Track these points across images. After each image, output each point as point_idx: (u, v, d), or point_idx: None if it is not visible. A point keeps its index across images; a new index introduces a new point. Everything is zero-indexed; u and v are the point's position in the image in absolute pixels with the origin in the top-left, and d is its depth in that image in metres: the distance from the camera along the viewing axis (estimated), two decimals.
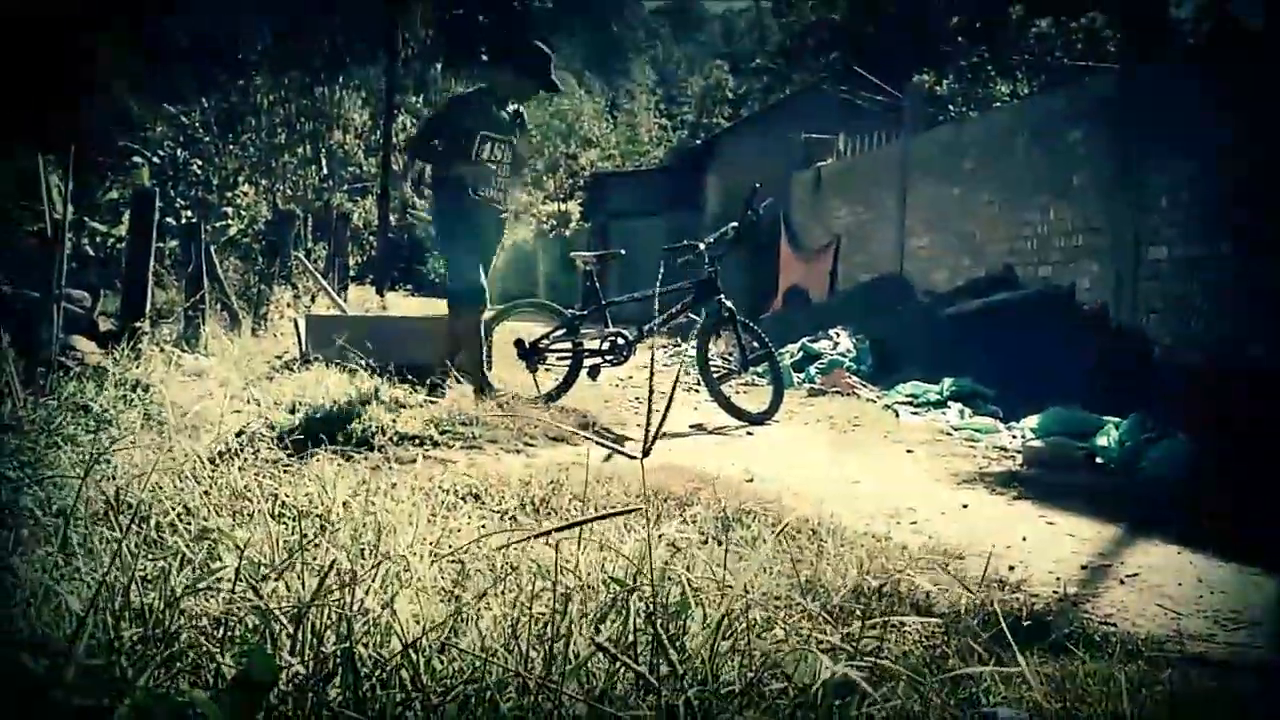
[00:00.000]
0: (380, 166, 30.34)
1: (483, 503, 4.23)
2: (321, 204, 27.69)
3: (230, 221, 19.11)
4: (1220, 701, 2.48)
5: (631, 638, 2.03)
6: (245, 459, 4.42)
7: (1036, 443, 7.29)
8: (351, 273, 28.51)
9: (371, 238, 34.45)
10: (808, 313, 15.40)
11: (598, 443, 2.70)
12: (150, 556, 2.69)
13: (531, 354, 8.58)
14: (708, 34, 75.31)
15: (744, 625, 2.15)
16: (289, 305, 14.18)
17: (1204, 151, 9.32)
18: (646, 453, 2.08)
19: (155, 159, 17.08)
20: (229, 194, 19.27)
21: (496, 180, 7.87)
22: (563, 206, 39.53)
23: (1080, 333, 10.53)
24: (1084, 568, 4.42)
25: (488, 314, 8.36)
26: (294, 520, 3.21)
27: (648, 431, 2.07)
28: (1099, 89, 11.55)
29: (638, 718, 1.80)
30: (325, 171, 28.74)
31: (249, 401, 6.73)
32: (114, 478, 3.51)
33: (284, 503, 3.50)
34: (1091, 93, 11.67)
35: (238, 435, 5.18)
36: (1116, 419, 7.54)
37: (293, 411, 6.57)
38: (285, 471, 4.07)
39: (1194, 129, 9.48)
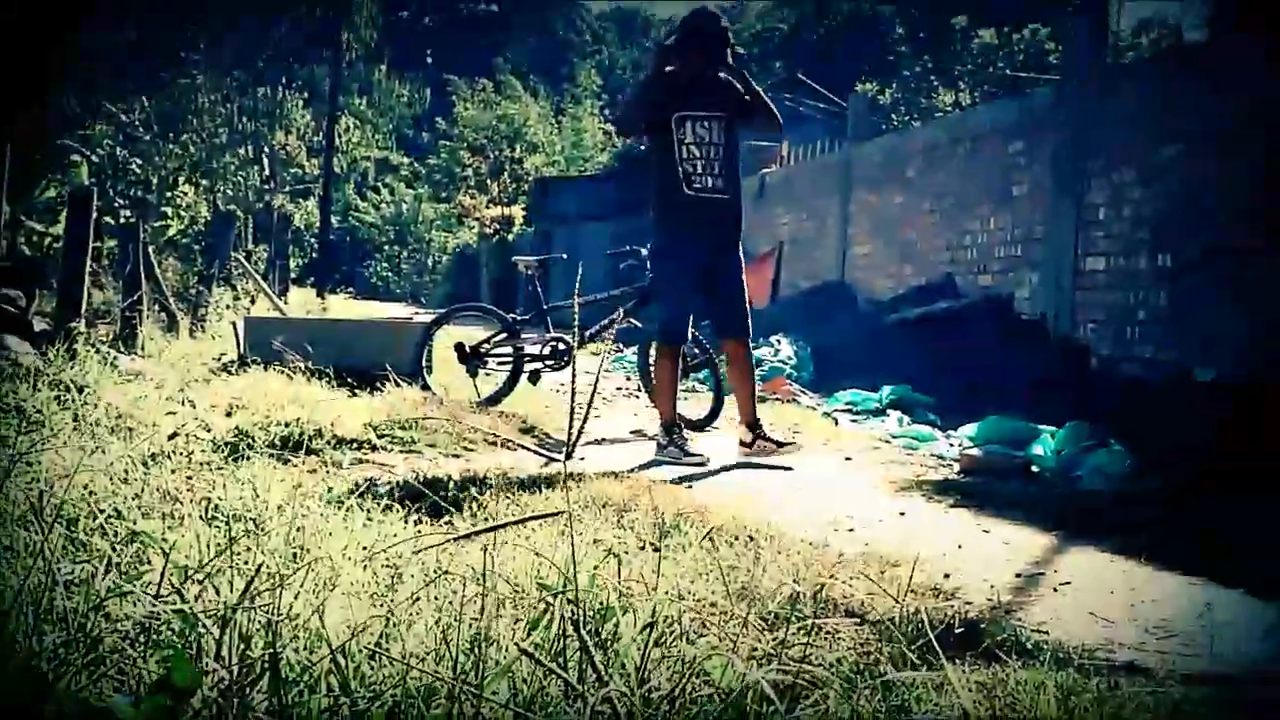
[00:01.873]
0: (322, 168, 30.17)
1: (419, 507, 4.19)
2: (263, 205, 27.50)
3: (170, 222, 18.93)
4: (1149, 708, 2.50)
5: (561, 644, 2.02)
6: (178, 462, 4.38)
7: (974, 451, 7.34)
8: (293, 275, 28.29)
9: (313, 240, 34.21)
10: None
11: (525, 448, 2.69)
12: (76, 559, 2.65)
13: (472, 358, 8.56)
14: (653, 40, 75.36)
15: (676, 632, 2.14)
16: (228, 307, 14.07)
17: (1143, 164, 9.43)
18: (569, 455, 2.07)
19: (94, 157, 16.89)
20: (169, 194, 19.05)
21: None
22: (506, 211, 39.46)
23: (1019, 342, 10.64)
24: (1018, 576, 4.45)
25: (428, 318, 8.42)
26: (225, 524, 3.17)
27: (569, 434, 2.07)
28: (1040, 100, 11.66)
29: None
30: (267, 173, 28.50)
31: (184, 403, 6.67)
32: (39, 479, 3.46)
33: (216, 506, 3.47)
34: (1033, 104, 11.79)
35: (171, 438, 5.12)
36: (1053, 428, 7.61)
37: (229, 414, 6.51)
38: (219, 474, 4.03)
39: (1133, 142, 9.60)
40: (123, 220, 15.09)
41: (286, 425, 6.08)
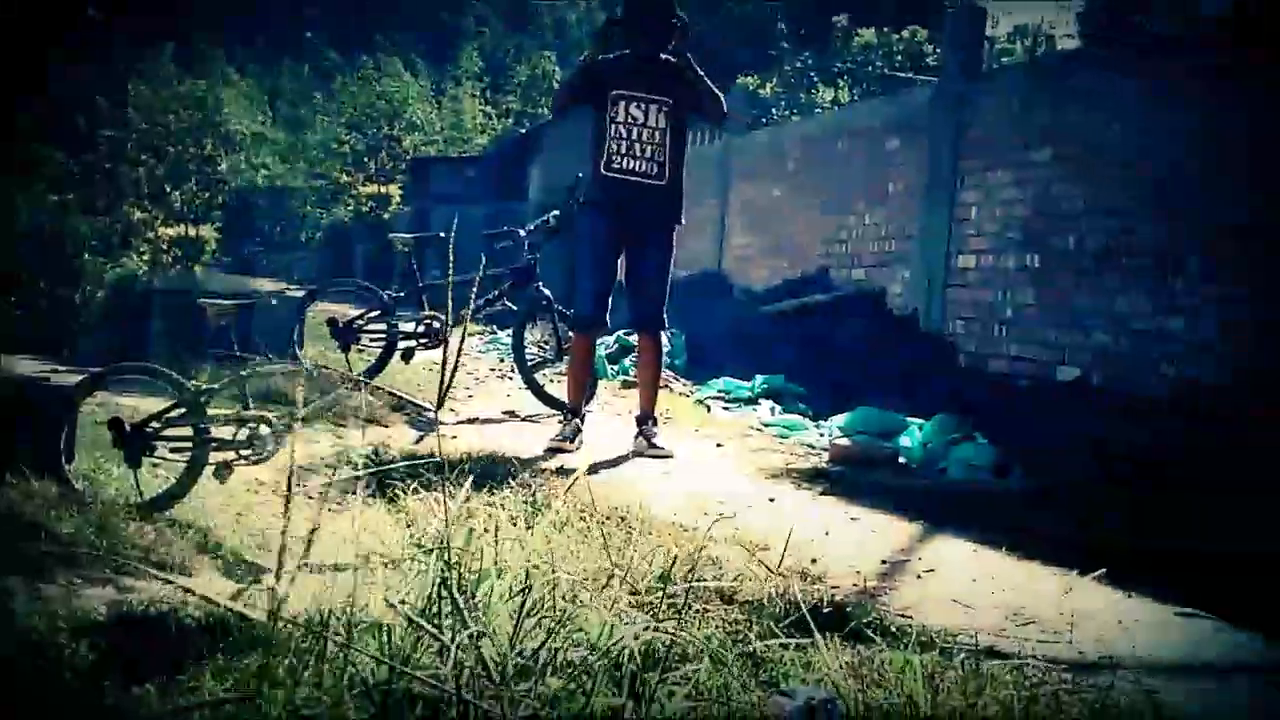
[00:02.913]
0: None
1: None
2: None
3: None
4: (1009, 685, 2.56)
5: (436, 606, 2.01)
6: None
7: (843, 440, 7.42)
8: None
9: None
10: (625, 305, 15.46)
11: (397, 394, 2.65)
12: None
13: (345, 334, 8.45)
14: (538, 25, 75.04)
15: (548, 598, 2.14)
16: None
17: (1014, 166, 9.61)
18: (440, 405, 2.06)
19: None
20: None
21: None
22: (383, 189, 38.84)
23: (890, 335, 10.79)
24: (884, 562, 4.52)
25: (300, 293, 8.18)
26: None
27: (441, 386, 2.05)
28: (918, 100, 11.82)
29: (436, 678, 1.78)
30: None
31: None
32: None
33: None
34: (910, 103, 11.95)
35: None
36: (921, 420, 7.74)
37: None
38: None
39: (1006, 144, 9.78)
40: None
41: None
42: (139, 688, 2.47)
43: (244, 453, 5.57)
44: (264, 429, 5.60)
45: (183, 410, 5.52)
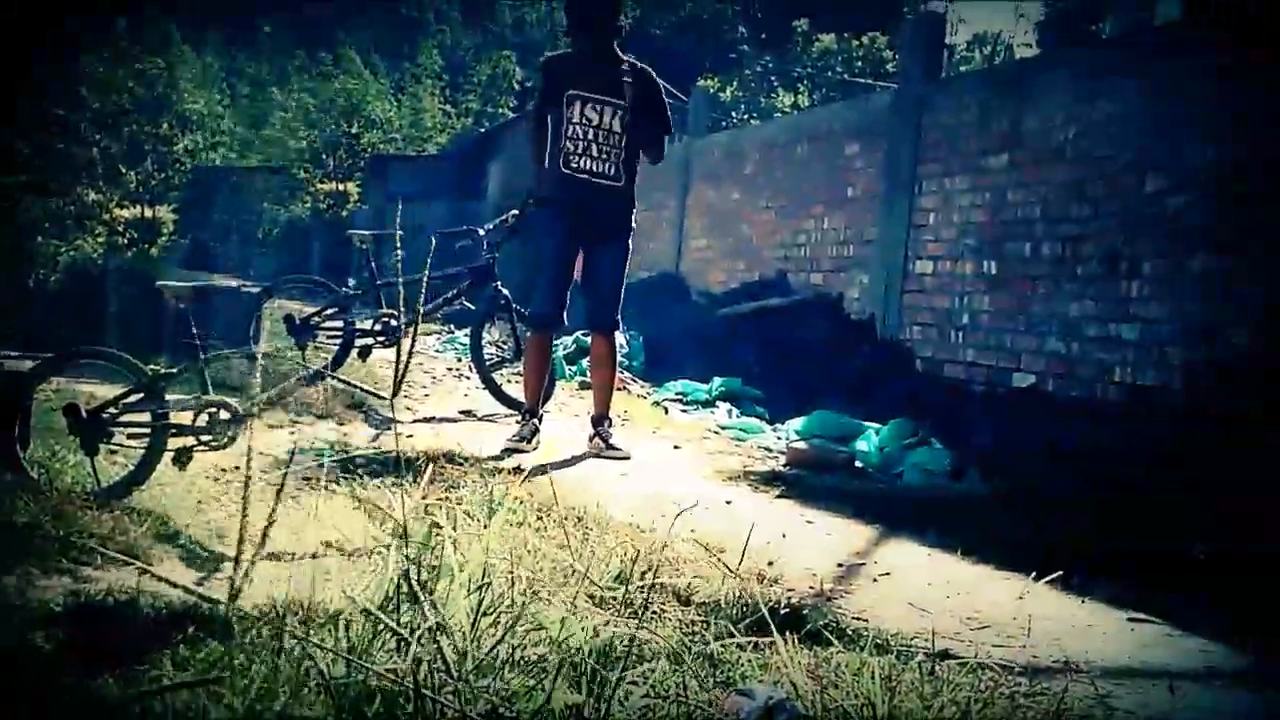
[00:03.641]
0: None
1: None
2: None
3: None
4: (964, 688, 2.57)
5: (395, 600, 2.00)
6: None
7: (800, 444, 7.45)
8: None
9: None
10: (582, 306, 15.48)
11: (352, 385, 2.64)
12: None
13: (302, 330, 8.41)
14: (498, 23, 74.94)
15: (507, 596, 2.14)
16: None
17: (972, 173, 9.67)
18: (395, 393, 2.05)
19: None
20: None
21: None
22: (341, 186, 38.61)
23: (847, 340, 10.83)
24: (840, 565, 4.54)
25: (256, 289, 8.12)
26: None
27: (396, 374, 2.05)
28: (877, 106, 11.87)
29: (394, 672, 1.77)
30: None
31: None
32: None
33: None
34: (870, 109, 12.00)
35: None
36: (877, 425, 7.78)
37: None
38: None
39: (965, 150, 9.84)
40: None
41: None
42: (98, 678, 2.45)
43: (204, 438, 5.47)
44: (224, 414, 5.49)
45: (140, 395, 5.43)
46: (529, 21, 71.74)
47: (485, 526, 3.38)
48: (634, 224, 7.02)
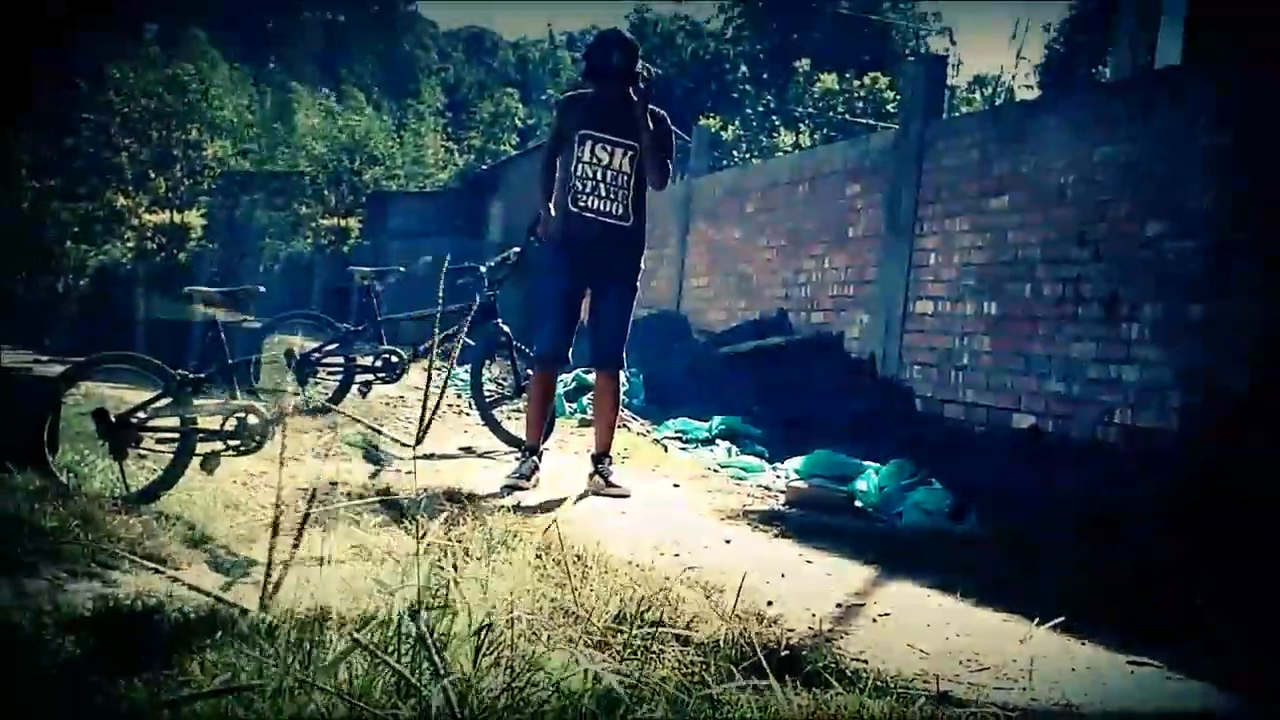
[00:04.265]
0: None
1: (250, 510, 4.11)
2: None
3: None
4: None
5: (397, 641, 2.00)
6: None
7: (799, 483, 7.45)
8: None
9: None
10: (583, 344, 15.51)
11: (373, 428, 2.65)
12: None
13: (303, 366, 8.41)
14: (500, 61, 75.16)
15: (508, 638, 2.13)
16: None
17: (973, 213, 9.70)
18: (419, 440, 2.05)
19: None
20: None
21: None
22: (343, 222, 38.58)
23: (847, 379, 10.84)
24: (839, 606, 4.53)
25: (257, 324, 8.12)
26: None
27: (421, 423, 2.05)
28: (879, 146, 11.91)
29: (397, 718, 1.77)
30: None
31: None
32: None
33: None
34: (871, 149, 12.04)
35: None
36: (877, 465, 7.77)
37: None
38: None
39: (967, 190, 9.87)
40: None
41: None
42: (126, 683, 2.46)
43: (232, 443, 5.65)
44: (252, 419, 5.67)
45: (169, 400, 5.59)
46: (532, 59, 72.00)
47: (486, 565, 3.38)
48: (643, 265, 7.02)
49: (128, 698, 2.38)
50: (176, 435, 5.57)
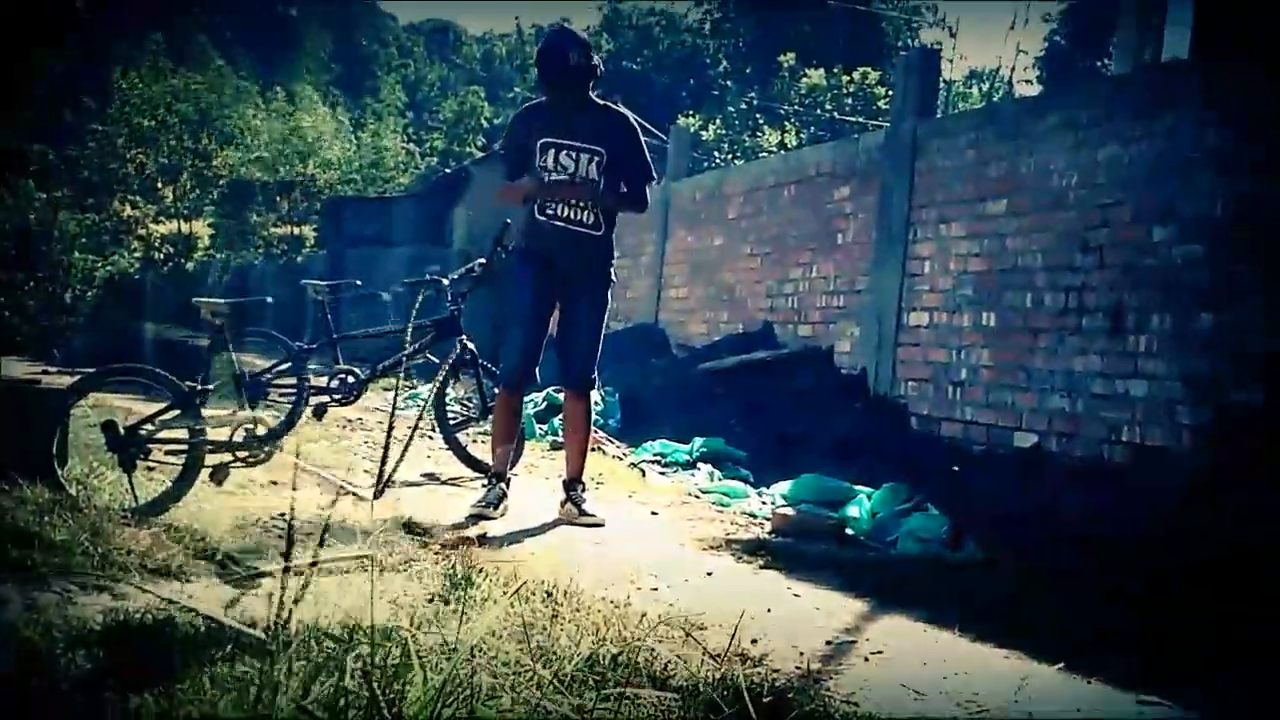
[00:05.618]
0: None
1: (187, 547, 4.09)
2: None
3: None
4: None
5: (343, 701, 1.98)
6: None
7: (787, 510, 7.43)
8: None
9: None
10: (556, 361, 15.46)
11: (331, 481, 2.64)
12: None
13: (253, 388, 8.35)
14: (465, 57, 75.20)
15: (468, 692, 2.12)
16: None
17: (972, 217, 9.71)
18: (378, 494, 2.04)
19: None
20: None
21: None
22: (296, 230, 38.39)
23: (837, 397, 10.83)
24: (829, 643, 4.52)
25: (203, 342, 8.07)
26: None
27: (381, 473, 2.03)
28: (869, 145, 11.90)
29: None
30: None
31: None
32: None
33: None
34: (860, 149, 12.03)
35: None
36: (869, 489, 7.76)
37: None
38: None
39: (962, 193, 9.88)
40: None
41: None
42: (137, 697, 2.49)
43: (241, 454, 6.08)
44: (260, 430, 6.14)
45: (177, 412, 5.94)
46: (499, 55, 72.01)
47: (447, 603, 3.36)
48: (613, 275, 7.00)
49: (138, 713, 2.42)
50: (185, 447, 5.89)
